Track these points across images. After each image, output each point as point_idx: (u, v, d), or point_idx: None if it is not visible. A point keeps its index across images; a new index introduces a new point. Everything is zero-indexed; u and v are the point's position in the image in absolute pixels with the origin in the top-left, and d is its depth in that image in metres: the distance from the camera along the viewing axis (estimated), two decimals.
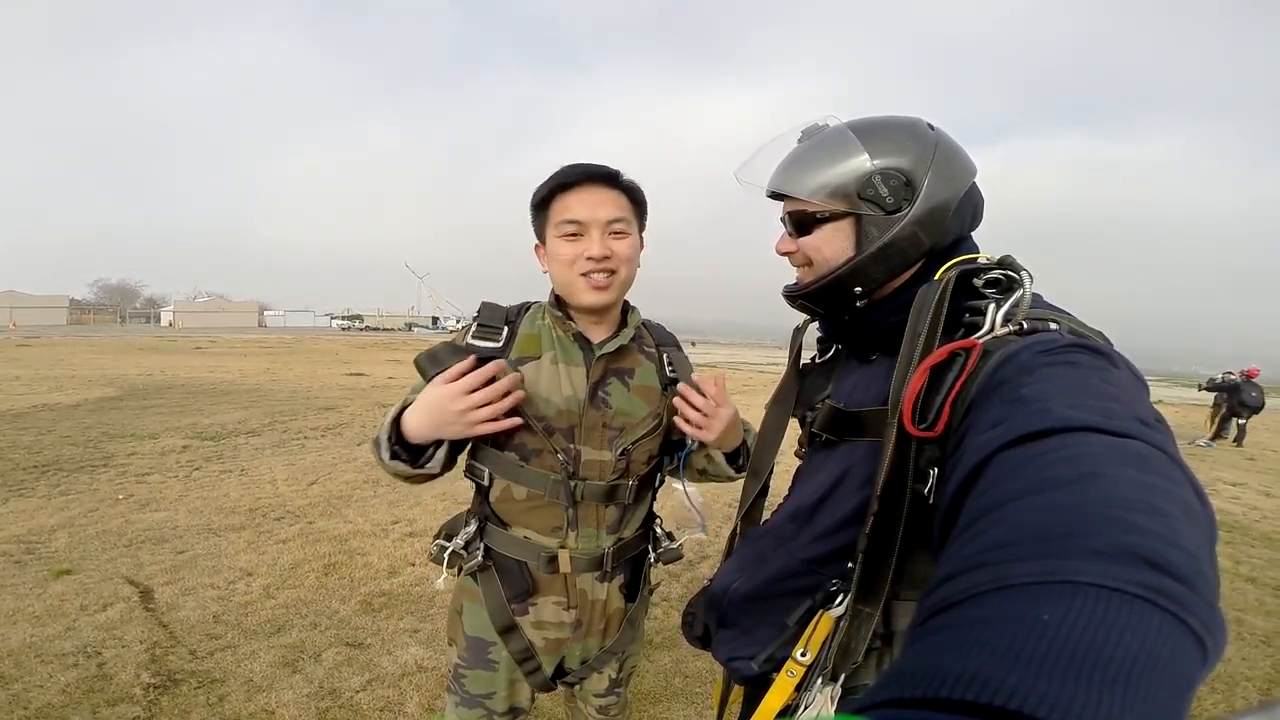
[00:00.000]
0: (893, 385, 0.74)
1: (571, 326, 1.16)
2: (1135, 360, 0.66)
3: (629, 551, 1.22)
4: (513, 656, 1.20)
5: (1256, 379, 12.14)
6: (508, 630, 1.19)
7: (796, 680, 0.81)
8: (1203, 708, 2.58)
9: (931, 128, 0.84)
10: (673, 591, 3.29)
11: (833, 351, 1.00)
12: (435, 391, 1.04)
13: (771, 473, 1.07)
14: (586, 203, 1.09)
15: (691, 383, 1.14)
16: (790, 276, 0.95)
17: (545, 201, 1.13)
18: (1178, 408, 16.98)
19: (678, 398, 1.11)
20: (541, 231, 1.16)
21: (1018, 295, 0.72)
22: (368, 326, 71.13)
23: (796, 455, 1.00)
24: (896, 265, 0.83)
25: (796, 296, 0.91)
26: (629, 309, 1.25)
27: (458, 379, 1.03)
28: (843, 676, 0.77)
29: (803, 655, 0.81)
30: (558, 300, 1.19)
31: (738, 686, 1.02)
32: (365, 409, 8.99)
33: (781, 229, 0.93)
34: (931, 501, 0.69)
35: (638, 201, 1.16)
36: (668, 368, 1.23)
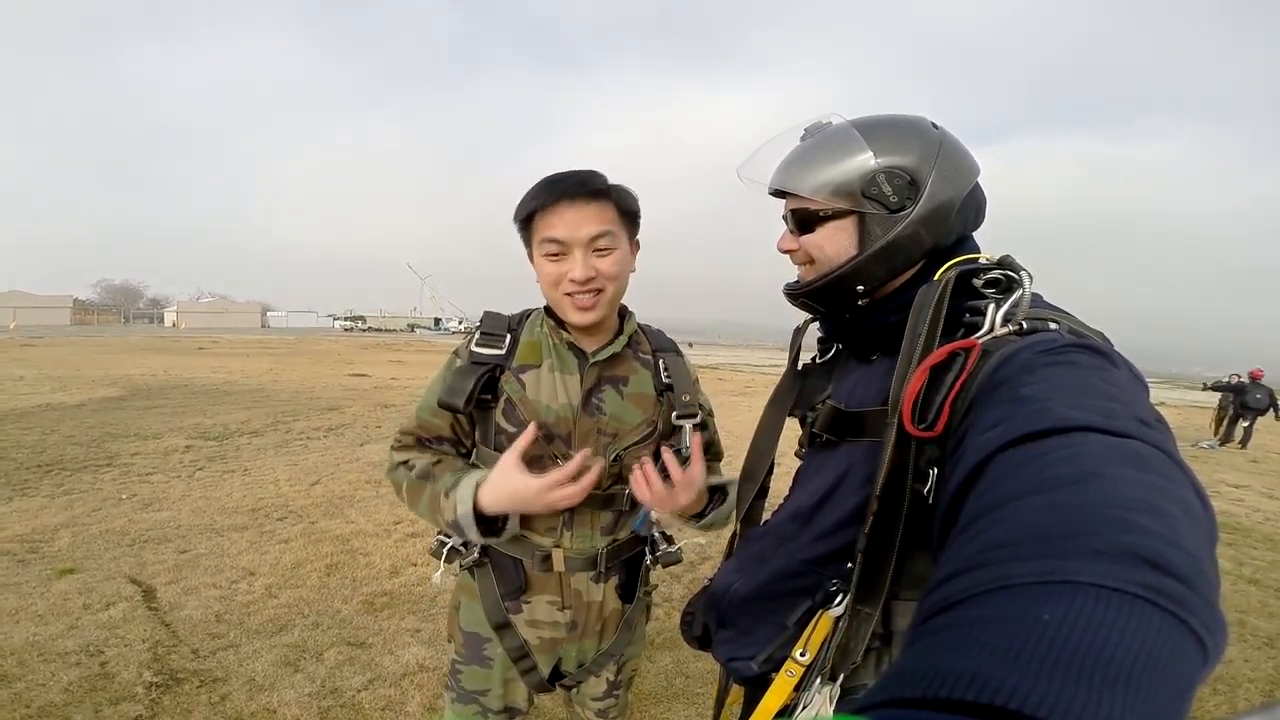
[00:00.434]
0: (893, 385, 0.74)
1: (565, 336, 1.16)
2: (1135, 361, 0.66)
3: (624, 553, 1.22)
4: (508, 654, 1.21)
5: (1261, 380, 12.09)
6: (502, 627, 1.20)
7: (795, 680, 0.81)
8: (1205, 709, 2.57)
9: (935, 126, 0.83)
10: (674, 593, 3.28)
11: (833, 351, 1.00)
12: (518, 484, 1.03)
13: (770, 474, 1.07)
14: (568, 221, 1.05)
15: (670, 444, 1.15)
16: (791, 275, 0.95)
17: (528, 220, 1.10)
18: (1179, 409, 16.93)
19: (636, 470, 1.07)
20: (528, 247, 1.13)
21: (1017, 295, 0.72)
22: (370, 327, 71.28)
23: (797, 456, 1.00)
24: (899, 264, 0.83)
25: (798, 295, 0.91)
26: (625, 314, 1.23)
27: (523, 451, 1.05)
28: (842, 676, 0.77)
29: (802, 655, 0.81)
30: (551, 312, 1.18)
31: (737, 687, 1.02)
32: (368, 409, 9.00)
33: (783, 227, 0.92)
34: (931, 501, 0.69)
35: (625, 209, 1.11)
36: (663, 374, 1.22)
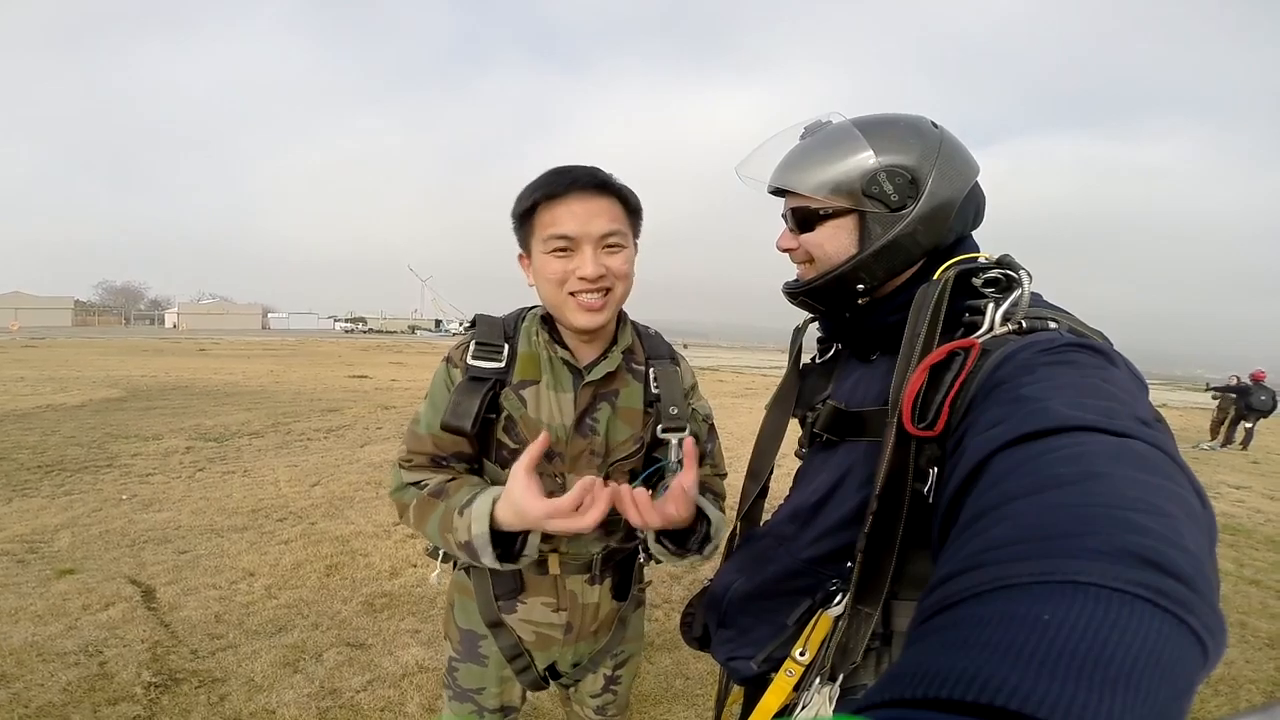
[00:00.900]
0: (892, 384, 0.74)
1: (559, 353, 1.10)
2: (1137, 362, 0.66)
3: (618, 555, 1.22)
4: (502, 653, 1.21)
5: (1264, 382, 12.06)
6: (495, 625, 1.20)
7: (795, 680, 0.81)
8: (1206, 710, 2.56)
9: (935, 126, 0.83)
10: (674, 594, 3.28)
11: (833, 351, 1.00)
12: (527, 503, 0.94)
13: (771, 474, 1.06)
14: (577, 215, 0.99)
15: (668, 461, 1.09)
16: (790, 274, 0.95)
17: (529, 212, 1.03)
18: (1181, 411, 16.91)
19: (623, 495, 0.94)
20: (526, 243, 1.06)
21: (1017, 294, 0.72)
22: (371, 329, 71.33)
23: (797, 455, 1.00)
24: (899, 263, 0.83)
25: (798, 293, 0.91)
26: (622, 322, 1.17)
27: (533, 461, 0.94)
28: (841, 676, 0.77)
29: (801, 655, 0.81)
30: (546, 320, 1.13)
31: (737, 688, 1.02)
32: (368, 411, 9.00)
33: (782, 225, 0.92)
34: (931, 501, 0.69)
35: (632, 209, 1.07)
36: (653, 385, 1.15)
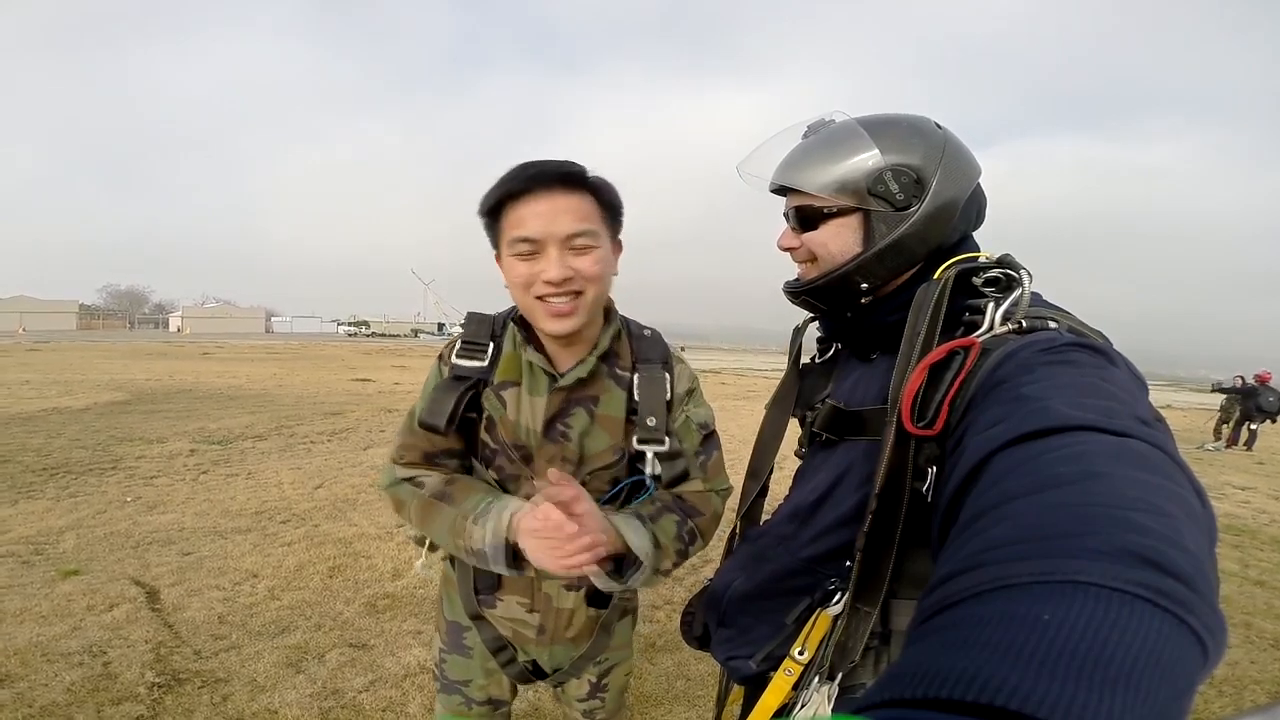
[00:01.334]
0: (892, 383, 0.74)
1: (534, 357, 1.05)
2: (1140, 363, 0.66)
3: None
4: (485, 645, 1.21)
5: (1270, 383, 12.00)
6: (477, 618, 1.20)
7: (794, 679, 0.81)
8: (1210, 711, 2.55)
9: (939, 126, 0.84)
10: (675, 595, 3.28)
11: (832, 351, 1.00)
12: (530, 543, 0.94)
13: (771, 473, 1.06)
14: (541, 214, 0.93)
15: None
16: (791, 273, 0.94)
17: (496, 211, 0.97)
18: (1185, 412, 16.85)
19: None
20: (496, 244, 1.00)
21: (1017, 294, 0.72)
22: (374, 333, 71.42)
23: (797, 455, 1.00)
24: (902, 263, 0.83)
25: (799, 292, 0.91)
26: (608, 324, 1.10)
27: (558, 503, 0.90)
28: (840, 675, 0.77)
29: (800, 654, 0.81)
30: (521, 320, 1.08)
31: (738, 687, 1.02)
32: (371, 414, 9.01)
33: (783, 224, 0.92)
34: (930, 500, 0.69)
35: (607, 203, 1.00)
36: (635, 392, 1.08)
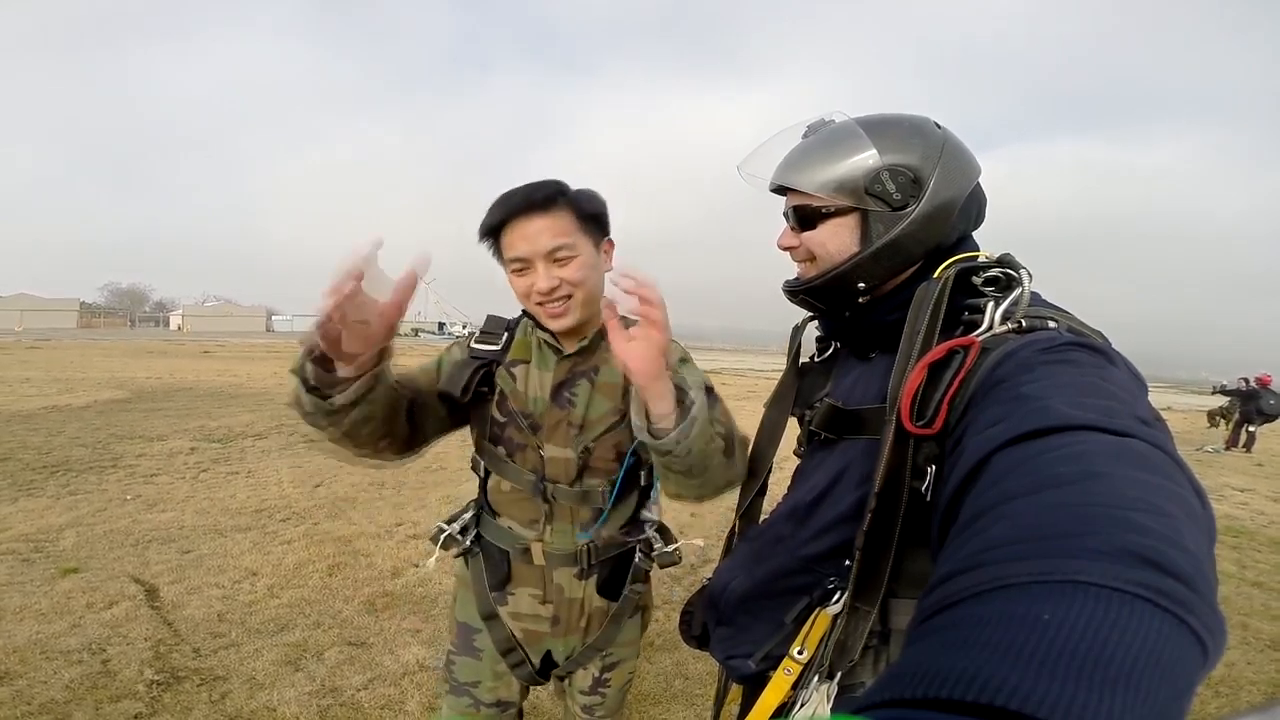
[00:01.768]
0: (891, 382, 0.74)
1: (543, 335, 1.20)
2: (1140, 365, 0.66)
3: (610, 550, 1.23)
4: (495, 646, 1.24)
5: (1271, 385, 11.97)
6: (490, 618, 1.24)
7: (793, 678, 0.81)
8: (1207, 712, 2.55)
9: (938, 126, 0.84)
10: (674, 594, 3.28)
11: (831, 350, 1.00)
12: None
13: (770, 472, 1.06)
14: (525, 236, 1.08)
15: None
16: (790, 273, 0.94)
17: (492, 238, 1.13)
18: (1185, 414, 16.85)
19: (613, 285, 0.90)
20: (500, 262, 1.16)
21: (1016, 293, 0.72)
22: None
23: (795, 454, 1.00)
24: (900, 262, 0.83)
25: (798, 291, 0.91)
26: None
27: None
28: (839, 674, 0.77)
29: (800, 653, 0.81)
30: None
31: (736, 686, 1.02)
32: None
33: (783, 224, 0.92)
34: (929, 499, 0.69)
35: (587, 215, 1.12)
36: None
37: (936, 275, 0.76)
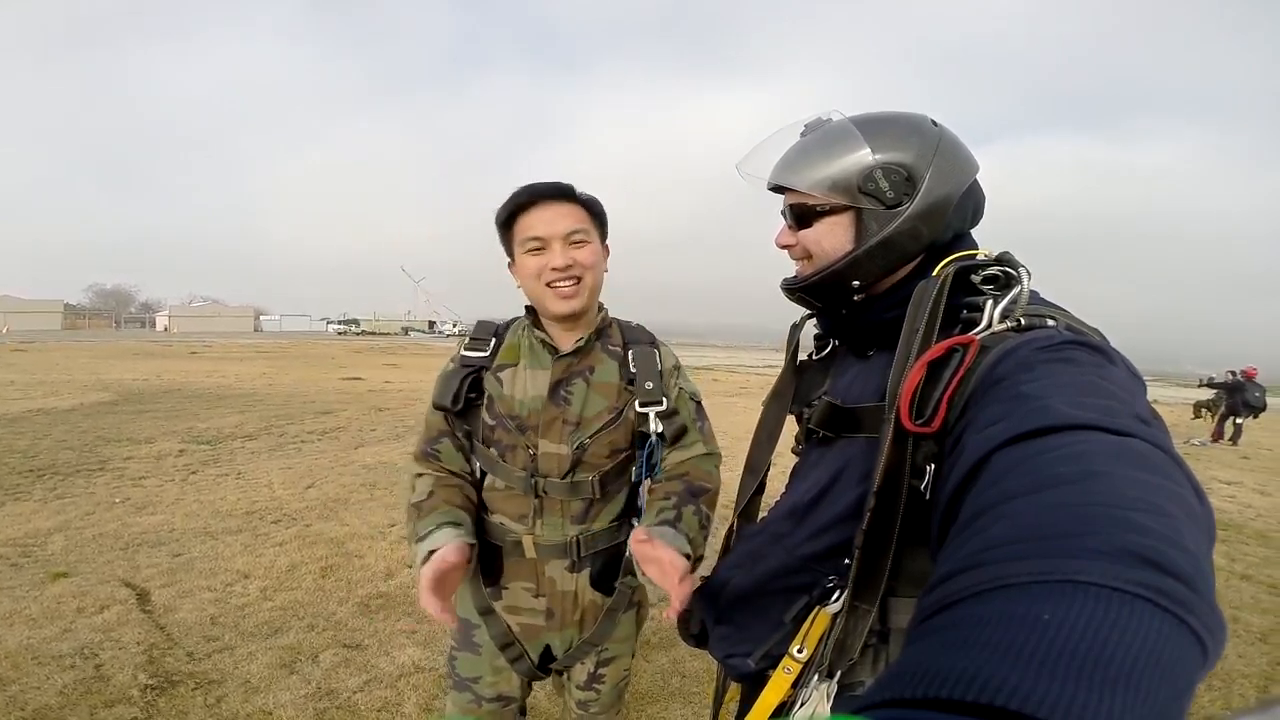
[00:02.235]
0: (890, 381, 0.74)
1: (539, 334, 1.26)
2: (1138, 362, 0.66)
3: (600, 544, 1.26)
4: (494, 641, 1.27)
5: (1256, 378, 12.12)
6: (486, 612, 1.28)
7: (793, 677, 0.81)
8: (1199, 704, 2.58)
9: (935, 124, 0.84)
10: None
11: (830, 348, 1.00)
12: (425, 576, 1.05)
13: (768, 470, 1.07)
14: (545, 219, 1.17)
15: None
16: (789, 271, 0.95)
17: (508, 223, 1.21)
18: (1172, 407, 17.04)
19: (641, 550, 1.01)
20: (510, 249, 1.24)
21: (1016, 291, 0.72)
22: (364, 331, 70.89)
23: (794, 452, 1.00)
24: (895, 260, 0.83)
25: (795, 289, 0.92)
26: (601, 310, 1.31)
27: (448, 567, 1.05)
28: (839, 673, 0.77)
29: (799, 652, 0.81)
30: (531, 311, 1.29)
31: (735, 685, 1.02)
32: (362, 413, 8.97)
33: (782, 222, 0.92)
34: (929, 498, 0.69)
35: (595, 213, 1.23)
36: (631, 364, 1.28)
37: (935, 273, 0.76)
